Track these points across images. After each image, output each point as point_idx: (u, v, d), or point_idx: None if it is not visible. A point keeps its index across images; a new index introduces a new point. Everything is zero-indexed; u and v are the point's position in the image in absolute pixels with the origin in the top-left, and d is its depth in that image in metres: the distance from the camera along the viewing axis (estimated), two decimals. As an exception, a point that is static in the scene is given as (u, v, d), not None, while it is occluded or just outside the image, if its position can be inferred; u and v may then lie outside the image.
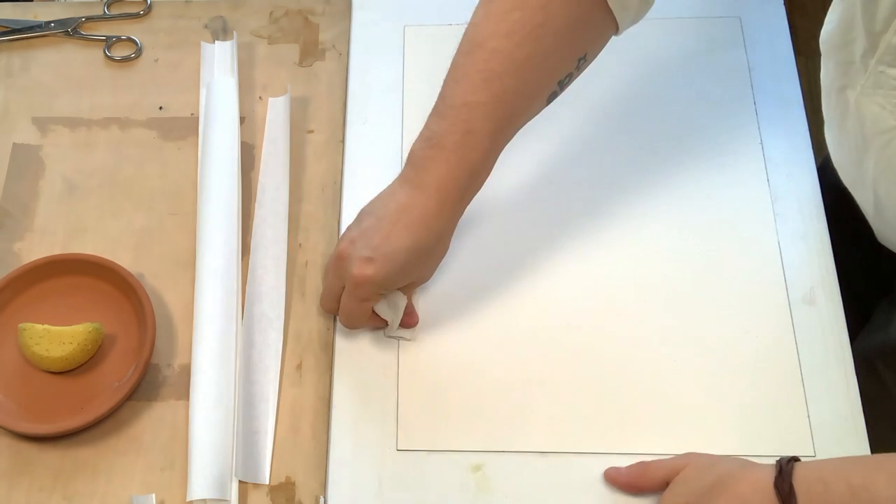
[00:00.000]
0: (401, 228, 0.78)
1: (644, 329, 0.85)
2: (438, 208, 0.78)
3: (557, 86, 0.81)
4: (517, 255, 0.89)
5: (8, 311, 0.85)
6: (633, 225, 0.90)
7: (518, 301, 0.86)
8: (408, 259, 0.78)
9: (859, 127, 0.80)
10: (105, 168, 0.94)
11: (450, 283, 0.87)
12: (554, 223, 0.90)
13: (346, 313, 0.81)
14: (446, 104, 0.78)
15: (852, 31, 0.78)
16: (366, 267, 0.77)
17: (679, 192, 0.91)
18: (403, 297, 0.82)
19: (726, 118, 0.95)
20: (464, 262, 0.88)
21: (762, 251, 0.88)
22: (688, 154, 0.93)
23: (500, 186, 0.91)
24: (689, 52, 0.99)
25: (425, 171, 0.78)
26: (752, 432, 0.80)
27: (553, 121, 0.96)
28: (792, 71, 0.98)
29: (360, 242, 0.79)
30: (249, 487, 0.79)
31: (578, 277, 0.87)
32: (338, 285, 0.81)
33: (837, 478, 0.68)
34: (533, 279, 0.87)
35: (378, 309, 0.82)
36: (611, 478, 0.78)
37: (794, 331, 0.84)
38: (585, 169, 0.93)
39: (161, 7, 1.04)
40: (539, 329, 0.85)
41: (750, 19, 1.01)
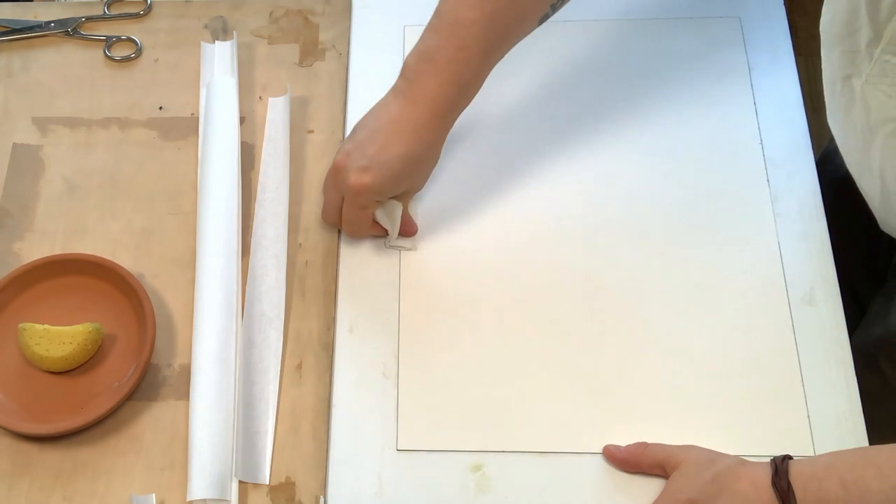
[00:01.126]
0: (395, 139, 0.82)
1: (644, 329, 0.85)
2: (429, 120, 0.82)
3: (550, 8, 0.84)
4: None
5: (8, 311, 0.85)
6: (632, 225, 0.90)
7: (517, 301, 0.86)
8: (402, 167, 0.82)
9: (865, 115, 0.81)
10: (105, 168, 0.94)
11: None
12: (553, 223, 0.90)
13: (348, 222, 0.86)
14: (441, 20, 0.82)
15: (857, 21, 0.78)
16: (363, 175, 0.81)
17: (679, 192, 0.91)
18: (399, 206, 0.86)
19: (726, 118, 0.95)
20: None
21: (762, 251, 0.88)
22: (688, 154, 0.93)
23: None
24: (689, 52, 0.99)
25: (417, 84, 0.82)
26: (752, 432, 0.80)
27: (552, 119, 0.96)
28: (792, 71, 0.98)
29: (355, 154, 0.82)
30: (249, 487, 0.79)
31: (578, 278, 0.87)
32: (337, 197, 0.85)
33: (830, 474, 0.69)
34: (533, 276, 0.88)
35: (378, 217, 0.86)
36: (609, 454, 0.79)
37: (794, 331, 0.84)
38: (584, 168, 0.93)
39: (161, 7, 1.04)
40: (539, 329, 0.85)
41: (750, 19, 1.01)
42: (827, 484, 0.68)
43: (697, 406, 0.81)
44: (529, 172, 0.93)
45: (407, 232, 0.89)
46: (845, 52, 0.81)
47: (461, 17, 0.81)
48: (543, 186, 0.92)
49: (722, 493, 0.71)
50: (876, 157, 0.82)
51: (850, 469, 0.68)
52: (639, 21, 1.01)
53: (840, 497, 0.67)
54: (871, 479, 0.67)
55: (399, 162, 0.82)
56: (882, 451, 0.69)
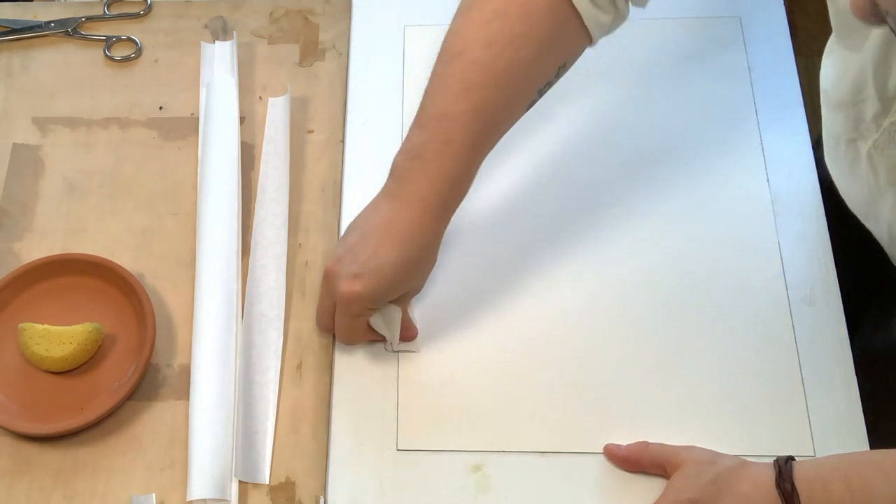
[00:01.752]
0: (386, 243, 0.77)
1: (644, 329, 0.85)
2: (422, 220, 0.78)
3: (537, 94, 0.80)
4: (514, 256, 0.89)
5: (8, 311, 0.85)
6: (632, 225, 0.90)
7: (516, 303, 0.86)
8: (395, 272, 0.78)
9: (873, 175, 0.80)
10: (105, 168, 0.94)
11: (446, 291, 0.87)
12: (551, 224, 0.90)
13: (341, 331, 0.82)
14: (426, 114, 0.78)
15: (863, 92, 0.77)
16: (354, 283, 0.77)
17: (679, 192, 0.91)
18: (398, 311, 0.81)
19: (726, 118, 0.95)
20: (459, 267, 0.88)
21: (762, 251, 0.88)
22: (688, 154, 0.93)
23: (491, 188, 0.91)
24: (689, 52, 0.99)
25: (407, 183, 0.78)
26: (752, 432, 0.80)
27: (551, 120, 0.96)
28: (792, 71, 0.98)
29: (346, 259, 0.78)
30: (249, 487, 0.79)
31: (578, 279, 0.87)
32: (330, 303, 0.81)
33: (835, 477, 0.68)
34: (531, 281, 0.87)
35: (374, 324, 0.81)
36: (610, 452, 0.79)
37: (794, 331, 0.84)
38: (584, 168, 0.93)
39: (161, 7, 1.04)
40: (538, 330, 0.85)
41: (750, 19, 1.01)
42: (832, 487, 0.68)
43: (697, 406, 0.81)
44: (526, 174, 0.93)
45: (406, 337, 0.84)
46: (849, 119, 0.80)
47: (447, 111, 0.77)
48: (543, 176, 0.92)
49: (723, 494, 0.71)
50: (885, 212, 0.81)
51: (856, 473, 0.68)
52: (639, 21, 1.01)
53: (846, 500, 0.67)
54: (878, 483, 0.66)
55: (392, 267, 0.77)
56: (888, 456, 0.69)
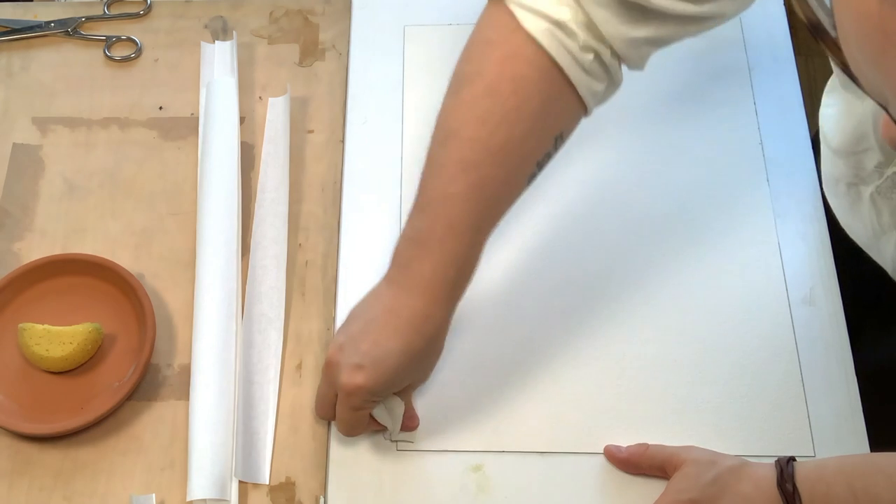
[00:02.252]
0: (389, 332, 0.74)
1: (644, 329, 0.85)
2: (427, 308, 0.74)
3: (536, 167, 0.76)
4: (512, 251, 0.89)
5: (8, 311, 0.85)
6: (632, 225, 0.90)
7: (517, 303, 0.86)
8: (399, 364, 0.74)
9: (876, 216, 0.79)
10: (105, 168, 0.94)
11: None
12: (552, 223, 0.90)
13: (342, 423, 0.78)
14: (425, 198, 0.75)
15: (863, 143, 0.76)
16: (355, 375, 0.74)
17: (678, 192, 0.91)
18: (401, 403, 0.79)
19: (726, 118, 0.95)
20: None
21: (762, 251, 0.88)
22: (688, 154, 0.93)
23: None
24: (689, 52, 0.99)
25: (410, 270, 0.75)
26: (752, 432, 0.80)
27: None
28: (792, 71, 0.98)
29: (348, 348, 0.75)
30: (249, 487, 0.79)
31: (578, 278, 0.87)
32: (330, 392, 0.78)
33: (838, 480, 0.68)
34: (530, 286, 0.87)
35: (376, 414, 0.78)
36: (610, 454, 0.79)
37: (794, 331, 0.84)
38: (584, 168, 0.93)
39: (161, 7, 1.04)
40: (539, 330, 0.85)
41: (750, 19, 1.01)
42: (835, 490, 0.68)
43: (697, 406, 0.81)
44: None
45: (408, 427, 0.81)
46: (850, 165, 0.79)
47: (446, 192, 0.73)
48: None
49: (724, 494, 0.71)
50: (888, 250, 0.80)
51: (859, 476, 0.68)
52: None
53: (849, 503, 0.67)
54: (882, 488, 0.66)
55: (395, 358, 0.74)
56: (892, 459, 0.68)
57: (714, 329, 0.85)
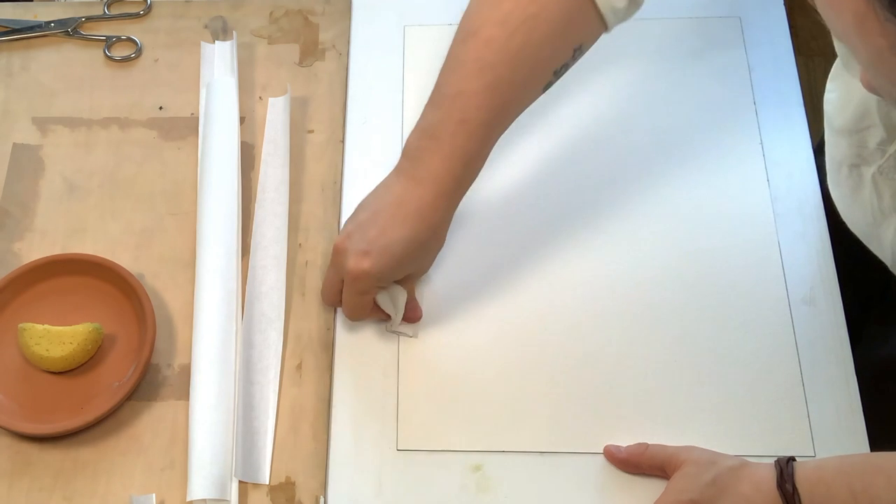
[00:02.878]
0: (397, 221, 0.78)
1: (644, 329, 0.85)
2: (434, 200, 0.78)
3: (553, 75, 0.80)
4: (517, 251, 0.89)
5: (8, 311, 0.85)
6: (632, 224, 0.90)
7: (518, 298, 0.86)
8: (404, 251, 0.78)
9: (877, 200, 0.79)
10: (105, 168, 0.94)
11: (450, 279, 0.87)
12: (552, 223, 0.90)
13: (347, 307, 0.82)
14: (441, 94, 0.78)
15: (866, 120, 0.77)
16: (362, 260, 0.78)
17: (679, 192, 0.91)
18: (403, 292, 0.82)
19: (726, 118, 0.95)
20: (464, 255, 0.88)
21: (762, 251, 0.88)
22: (688, 154, 0.93)
23: (498, 182, 0.91)
24: (689, 52, 0.99)
25: (420, 162, 0.78)
26: (752, 432, 0.80)
27: (552, 120, 0.96)
28: (792, 71, 0.98)
29: (356, 236, 0.79)
30: (249, 487, 0.79)
31: (577, 277, 0.87)
32: (336, 279, 0.82)
33: (838, 480, 0.68)
34: (532, 278, 0.87)
35: (380, 302, 0.82)
36: (609, 454, 0.79)
37: (794, 331, 0.84)
38: (585, 168, 0.93)
39: (161, 7, 1.04)
40: (539, 329, 0.85)
41: (750, 19, 1.01)
42: (835, 490, 0.68)
43: (698, 406, 0.81)
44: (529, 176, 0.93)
45: (411, 318, 0.84)
46: (852, 145, 0.79)
47: (461, 90, 0.77)
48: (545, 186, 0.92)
49: (723, 495, 0.71)
50: (888, 236, 0.80)
51: (859, 476, 0.68)
52: (639, 21, 1.01)
53: None
54: (882, 488, 0.66)
55: (401, 246, 0.78)
56: (891, 459, 0.68)
57: (714, 329, 0.85)
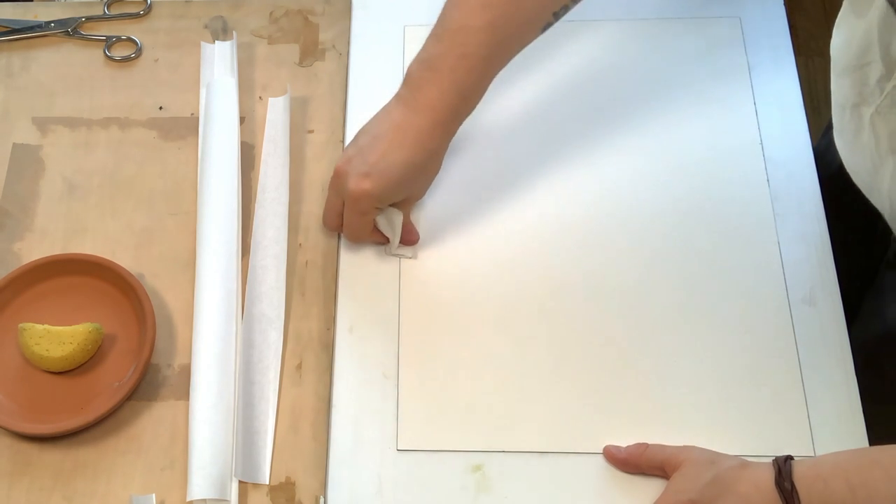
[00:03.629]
0: (395, 146, 0.82)
1: (644, 329, 0.85)
2: (431, 128, 0.82)
3: (552, 16, 0.84)
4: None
5: (8, 311, 0.85)
6: (632, 225, 0.90)
7: (517, 302, 0.86)
8: (402, 174, 0.83)
9: (875, 142, 0.80)
10: (105, 168, 0.94)
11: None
12: (553, 223, 0.90)
13: (349, 228, 0.87)
14: (444, 27, 0.82)
15: (867, 56, 0.78)
16: (363, 182, 0.82)
17: (679, 192, 0.91)
18: (400, 214, 0.86)
19: (726, 118, 0.95)
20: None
21: (762, 251, 0.88)
22: (688, 154, 0.93)
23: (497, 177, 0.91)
24: (689, 52, 0.99)
25: (420, 92, 0.82)
26: (752, 432, 0.80)
27: (553, 119, 0.96)
28: (792, 71, 0.98)
29: (356, 160, 0.83)
30: (249, 487, 0.79)
31: (578, 279, 0.87)
32: (338, 202, 0.86)
33: (835, 475, 0.68)
34: (533, 275, 0.88)
35: (379, 224, 0.87)
36: (609, 454, 0.79)
37: (794, 331, 0.84)
38: (583, 168, 0.93)
39: (161, 7, 1.04)
40: (539, 330, 0.85)
41: (750, 19, 1.01)
42: (833, 485, 0.68)
43: (697, 406, 0.81)
44: (530, 178, 0.93)
45: (408, 241, 0.89)
46: (854, 83, 0.81)
47: (464, 25, 0.81)
48: (544, 188, 0.92)
49: (723, 494, 0.71)
50: (885, 181, 0.82)
51: (856, 471, 0.68)
52: (639, 21, 1.01)
53: (847, 499, 0.67)
54: (879, 480, 0.66)
55: (399, 169, 0.82)
56: (887, 452, 0.69)
57: (714, 329, 0.85)
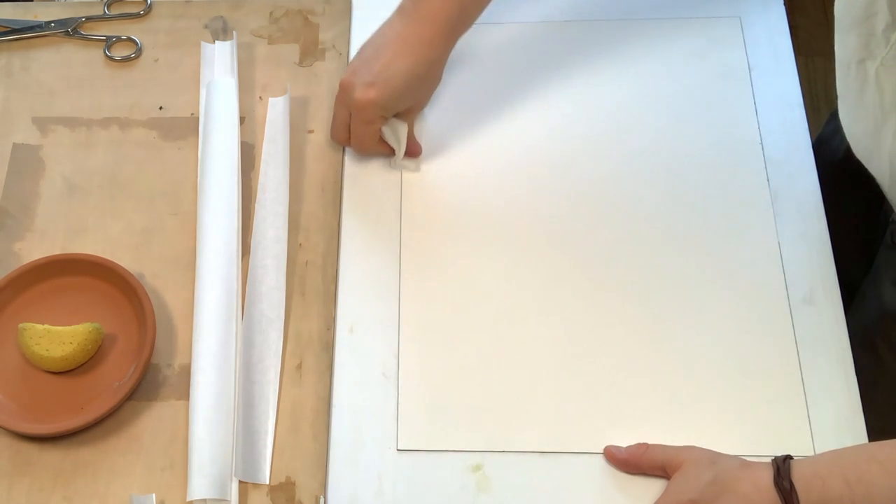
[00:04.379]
0: (398, 55, 0.86)
1: (644, 329, 0.85)
2: (432, 37, 0.87)
3: None
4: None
5: (8, 311, 0.85)
6: (632, 224, 0.90)
7: (518, 304, 0.86)
8: (406, 83, 0.87)
9: (879, 98, 0.81)
10: (105, 168, 0.94)
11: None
12: (553, 224, 0.90)
13: (356, 137, 0.91)
14: None
15: (874, 6, 0.79)
16: (368, 91, 0.86)
17: (679, 193, 0.91)
18: (404, 125, 0.91)
19: (726, 118, 0.95)
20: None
21: (762, 251, 0.88)
22: (687, 154, 0.93)
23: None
24: (689, 52, 0.99)
25: (421, 3, 0.87)
26: (752, 432, 0.80)
27: (553, 119, 0.96)
28: (792, 71, 0.98)
29: (361, 70, 0.87)
30: (249, 487, 0.79)
31: (578, 278, 0.87)
32: (345, 114, 0.90)
33: (832, 472, 0.69)
34: (532, 278, 0.88)
35: (384, 135, 0.90)
36: (610, 455, 0.79)
37: (794, 331, 0.84)
38: (582, 171, 0.93)
39: (161, 7, 1.04)
40: (539, 330, 0.85)
41: (750, 19, 1.01)
42: (830, 482, 0.68)
43: (697, 406, 0.81)
44: (529, 179, 0.93)
45: (412, 153, 0.93)
46: (861, 35, 0.82)
47: None
48: (543, 190, 0.92)
49: (723, 494, 0.71)
50: (887, 141, 0.82)
51: (852, 467, 0.68)
52: (639, 21, 1.01)
53: (844, 495, 0.67)
54: (875, 475, 0.67)
55: (403, 77, 0.86)
56: (884, 447, 0.69)
57: (714, 329, 0.85)
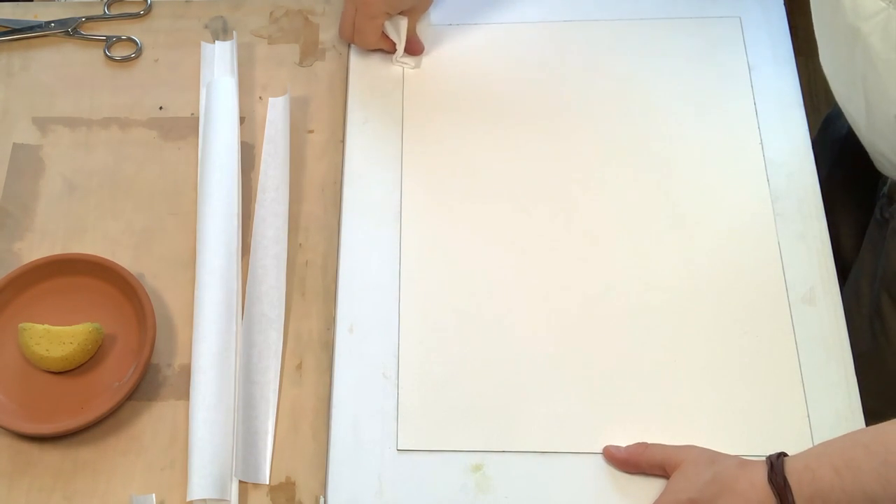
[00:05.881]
0: None
1: (644, 329, 0.85)
2: None
3: None
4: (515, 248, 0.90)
5: (8, 311, 0.85)
6: (632, 225, 0.90)
7: (518, 306, 0.86)
8: None
9: (853, 14, 0.80)
10: (105, 168, 0.94)
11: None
12: (554, 228, 0.90)
13: (359, 33, 0.97)
14: None
15: None
16: None
17: (679, 192, 0.91)
18: (405, 19, 0.96)
19: (726, 118, 0.95)
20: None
21: (762, 251, 0.88)
22: (688, 154, 0.93)
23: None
24: (689, 52, 0.99)
25: None
26: (752, 432, 0.80)
27: (552, 118, 0.96)
28: (792, 71, 0.98)
29: None
30: (249, 487, 0.79)
31: (577, 279, 0.87)
32: (351, 10, 0.96)
33: (821, 462, 0.70)
34: (529, 282, 0.88)
35: (387, 29, 0.96)
36: (609, 454, 0.79)
37: (794, 331, 0.84)
38: (584, 170, 0.93)
39: (161, 7, 1.04)
40: (539, 330, 0.85)
41: (750, 19, 1.01)
42: (820, 473, 0.69)
43: (697, 406, 0.81)
44: (527, 181, 0.93)
45: (413, 50, 0.98)
46: None
47: None
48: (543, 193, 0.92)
49: (722, 493, 0.72)
50: (859, 65, 0.82)
51: (839, 454, 0.69)
52: (639, 21, 1.01)
53: (835, 483, 0.68)
54: (861, 459, 0.68)
55: None
56: (867, 432, 0.70)
57: (714, 329, 0.84)
